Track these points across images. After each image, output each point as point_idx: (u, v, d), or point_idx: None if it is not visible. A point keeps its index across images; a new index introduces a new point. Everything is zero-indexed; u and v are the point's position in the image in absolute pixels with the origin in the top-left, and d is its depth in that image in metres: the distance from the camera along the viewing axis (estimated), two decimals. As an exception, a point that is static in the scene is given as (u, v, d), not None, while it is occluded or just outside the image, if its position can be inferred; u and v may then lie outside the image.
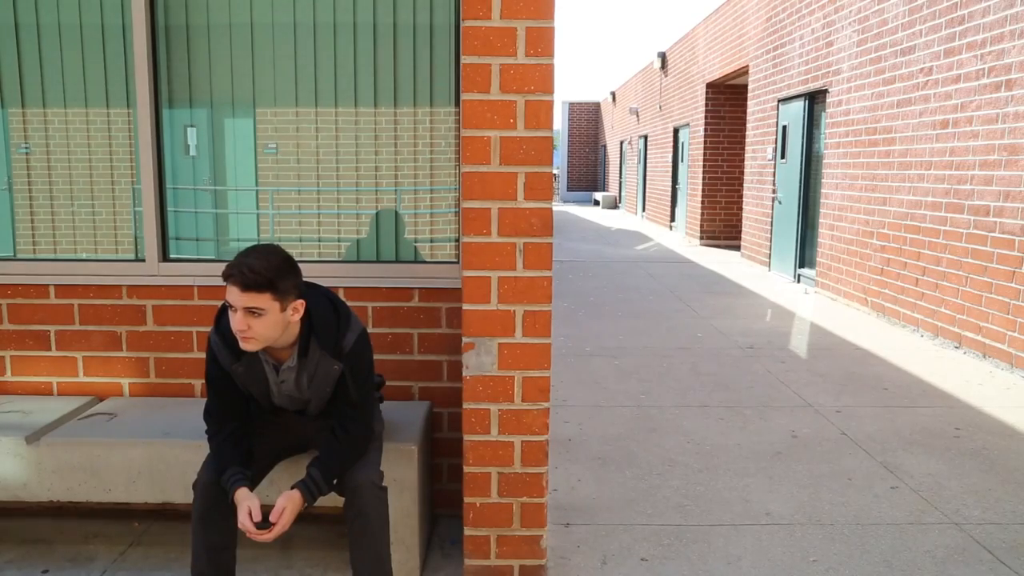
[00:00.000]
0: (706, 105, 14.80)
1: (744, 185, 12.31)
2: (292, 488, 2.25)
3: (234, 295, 2.11)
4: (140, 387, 3.20)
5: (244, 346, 2.19)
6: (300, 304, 2.22)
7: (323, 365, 2.30)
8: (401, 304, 3.07)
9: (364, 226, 3.15)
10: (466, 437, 2.56)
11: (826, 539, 3.12)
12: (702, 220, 14.98)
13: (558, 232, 17.28)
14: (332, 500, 2.56)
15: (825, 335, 6.93)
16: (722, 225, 15.00)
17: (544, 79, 2.39)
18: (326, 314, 2.29)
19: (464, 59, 2.38)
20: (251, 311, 2.11)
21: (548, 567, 2.81)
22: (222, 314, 2.32)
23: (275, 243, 2.19)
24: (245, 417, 2.40)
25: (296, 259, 3.10)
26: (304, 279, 2.44)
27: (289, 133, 3.11)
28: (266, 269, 2.10)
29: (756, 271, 11.20)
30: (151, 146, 3.07)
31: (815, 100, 9.60)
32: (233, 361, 2.29)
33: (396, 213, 3.12)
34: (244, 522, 2.17)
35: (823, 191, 9.11)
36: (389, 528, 2.38)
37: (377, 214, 3.13)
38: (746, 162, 12.16)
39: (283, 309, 2.17)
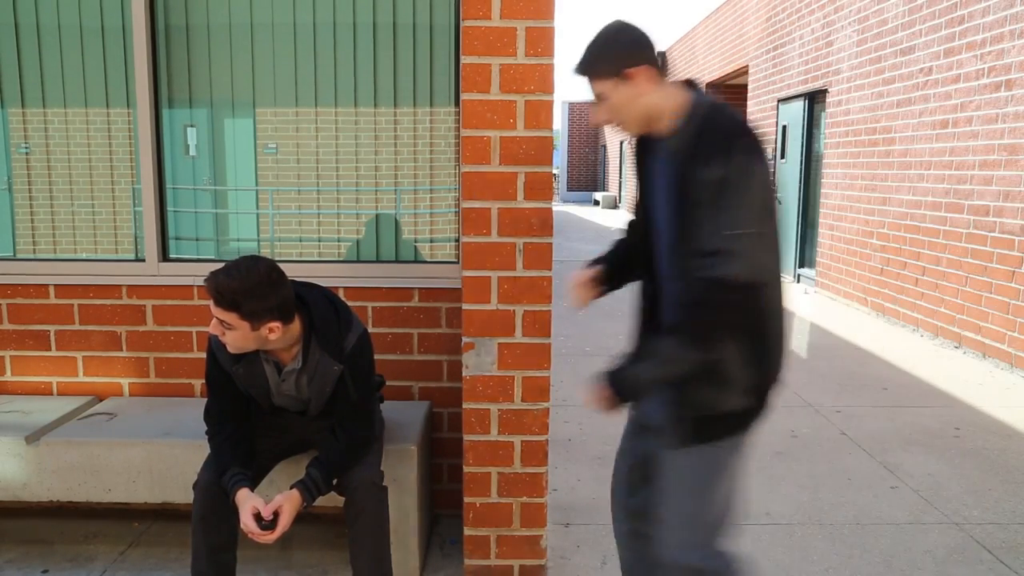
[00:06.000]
0: (706, 105, 14.78)
1: (744, 185, 12.29)
2: (291, 488, 2.25)
3: (211, 303, 2.11)
4: (140, 387, 3.20)
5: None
6: (276, 326, 2.14)
7: (323, 366, 2.30)
8: (401, 304, 3.07)
9: (364, 226, 3.15)
10: (466, 437, 2.56)
11: (826, 539, 3.12)
12: (702, 220, 14.95)
13: (558, 232, 17.27)
14: (332, 500, 2.56)
15: (825, 335, 6.93)
16: (722, 225, 14.97)
17: (544, 79, 2.39)
18: (326, 315, 2.28)
19: (464, 59, 2.38)
20: (222, 322, 2.11)
21: (548, 567, 2.81)
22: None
23: (267, 258, 2.14)
24: (245, 417, 2.40)
25: (296, 259, 3.14)
26: (303, 279, 2.44)
27: (289, 133, 3.12)
28: (236, 290, 2.05)
29: (756, 271, 11.19)
30: (151, 146, 3.07)
31: (815, 100, 9.60)
32: (233, 362, 2.29)
33: (395, 214, 3.12)
34: (247, 522, 2.17)
35: (823, 191, 9.11)
36: (389, 528, 2.38)
37: (377, 215, 3.13)
38: (746, 162, 12.14)
39: (254, 328, 2.11)
